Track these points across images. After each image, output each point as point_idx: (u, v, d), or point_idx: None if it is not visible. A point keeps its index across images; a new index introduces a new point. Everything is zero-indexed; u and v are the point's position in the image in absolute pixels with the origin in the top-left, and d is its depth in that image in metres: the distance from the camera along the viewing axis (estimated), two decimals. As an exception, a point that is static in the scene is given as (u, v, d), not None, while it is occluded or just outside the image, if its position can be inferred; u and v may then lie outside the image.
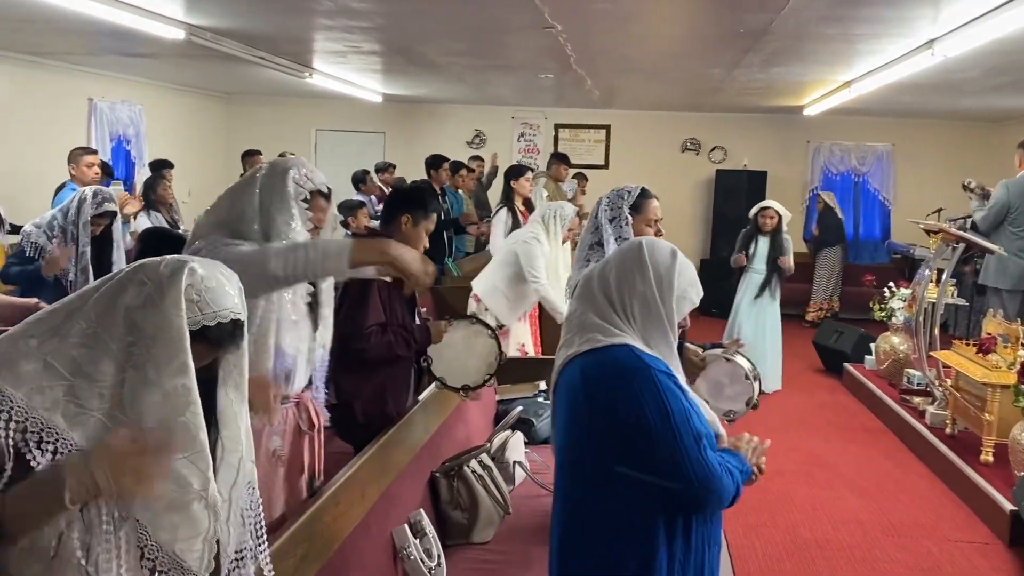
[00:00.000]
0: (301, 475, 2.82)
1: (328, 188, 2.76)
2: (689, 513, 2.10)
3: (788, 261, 7.76)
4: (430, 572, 2.93)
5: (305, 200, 2.63)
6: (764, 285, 7.86)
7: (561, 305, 5.26)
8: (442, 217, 8.14)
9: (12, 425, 1.49)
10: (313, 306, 2.74)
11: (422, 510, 3.12)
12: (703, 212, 12.48)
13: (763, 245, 7.87)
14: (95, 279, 4.44)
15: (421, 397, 3.65)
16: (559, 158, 9.15)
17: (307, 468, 2.83)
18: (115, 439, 1.52)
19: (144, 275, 1.59)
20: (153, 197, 6.75)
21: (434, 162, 9.00)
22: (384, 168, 10.36)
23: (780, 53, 6.95)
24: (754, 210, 7.93)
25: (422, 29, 6.61)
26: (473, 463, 3.48)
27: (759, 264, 7.87)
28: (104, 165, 7.42)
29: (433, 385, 3.54)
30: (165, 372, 1.54)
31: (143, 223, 6.46)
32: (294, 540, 2.28)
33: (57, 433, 1.52)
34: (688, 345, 2.78)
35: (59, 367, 1.54)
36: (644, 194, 3.58)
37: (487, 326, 3.44)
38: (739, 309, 8.01)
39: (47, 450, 1.52)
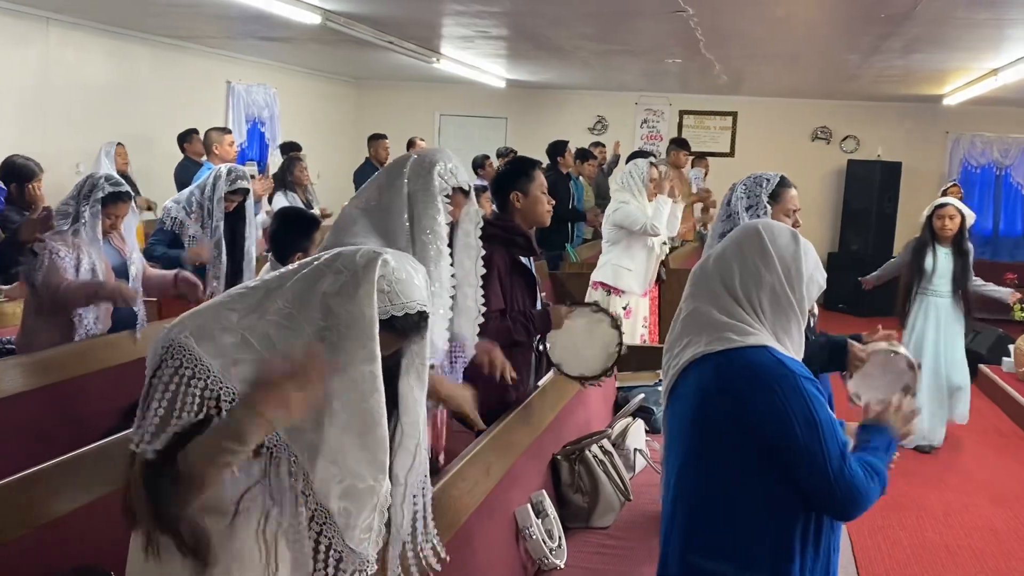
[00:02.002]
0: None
1: (469, 185, 2.77)
2: (825, 520, 2.03)
3: (974, 285, 5.87)
4: (551, 552, 2.95)
5: (447, 196, 2.65)
6: (951, 313, 5.89)
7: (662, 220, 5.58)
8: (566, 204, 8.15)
9: (207, 392, 1.57)
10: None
11: (544, 491, 3.14)
12: (832, 203, 12.10)
13: (944, 258, 5.85)
14: (228, 254, 4.67)
15: (540, 383, 3.67)
16: (678, 144, 8.96)
17: (430, 445, 2.88)
18: (269, 375, 1.57)
19: (341, 264, 1.65)
20: (290, 178, 6.98)
21: (556, 149, 8.99)
22: (505, 153, 10.41)
23: (922, 39, 6.66)
24: (927, 210, 6.00)
25: (551, 13, 6.61)
26: (594, 448, 3.47)
27: (941, 284, 5.86)
28: None
29: (551, 371, 3.54)
30: (355, 359, 1.60)
31: (280, 203, 6.68)
32: (423, 513, 2.32)
33: None
34: (851, 341, 2.71)
35: (255, 342, 1.60)
36: (784, 182, 3.47)
37: (609, 314, 3.40)
38: (922, 345, 5.88)
39: None
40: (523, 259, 3.42)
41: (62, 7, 7.39)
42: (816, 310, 2.20)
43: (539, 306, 3.49)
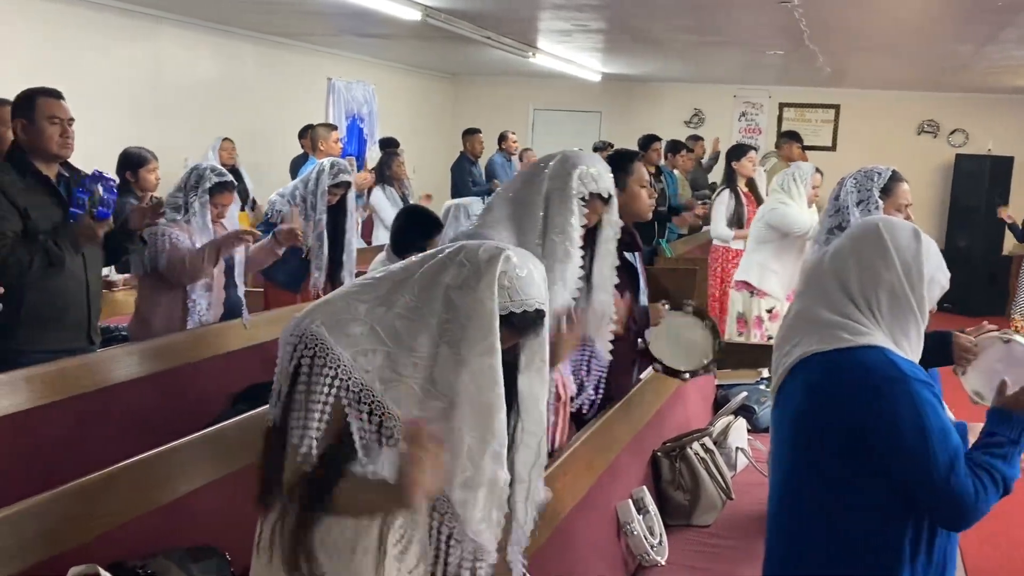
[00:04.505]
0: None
1: (609, 193, 2.73)
2: (936, 527, 1.95)
3: None
4: (652, 549, 2.93)
5: (583, 199, 2.63)
6: None
7: None
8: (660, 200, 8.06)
9: (337, 382, 1.62)
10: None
11: (644, 488, 3.12)
12: (939, 200, 11.67)
13: None
14: (330, 246, 4.77)
15: (643, 376, 3.64)
16: (790, 136, 8.71)
17: (549, 438, 2.89)
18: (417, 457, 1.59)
19: (464, 257, 1.68)
20: (388, 173, 7.08)
21: (643, 143, 8.93)
22: (602, 147, 10.33)
23: (1043, 27, 6.37)
24: None
25: (651, 5, 6.54)
26: (695, 445, 3.43)
27: None
28: None
29: (651, 367, 3.52)
30: (475, 351, 1.62)
31: (378, 197, 6.80)
32: (529, 504, 2.33)
33: (373, 395, 1.63)
34: (956, 332, 2.56)
35: (382, 334, 1.64)
36: (895, 177, 3.37)
37: (702, 315, 3.36)
38: None
39: (364, 410, 1.63)
40: (627, 254, 3.40)
41: (173, 6, 7.65)
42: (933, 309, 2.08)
43: (643, 300, 3.46)
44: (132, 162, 5.05)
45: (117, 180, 3.68)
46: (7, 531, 2.19)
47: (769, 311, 5.44)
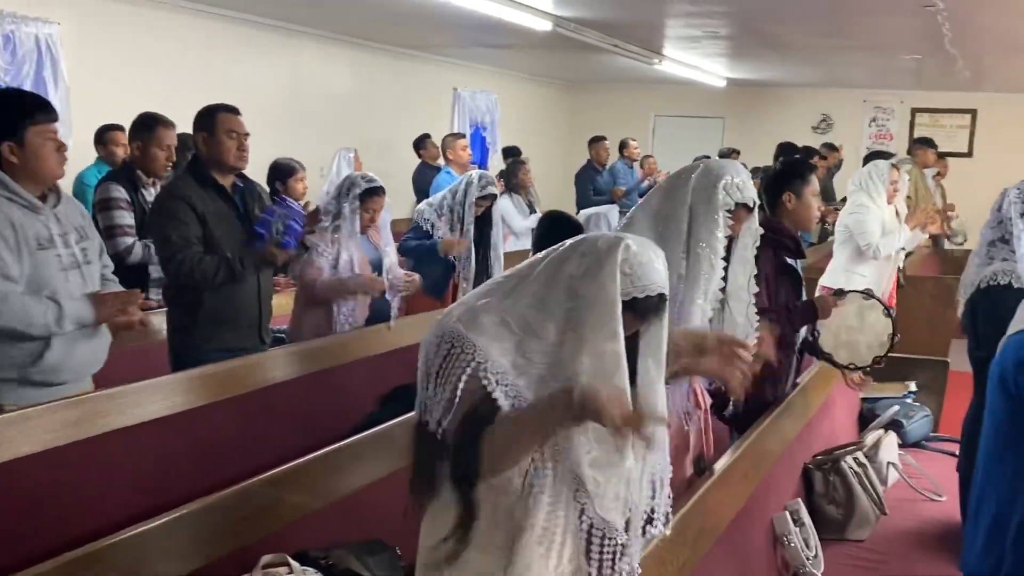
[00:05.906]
0: (686, 454, 2.88)
1: (754, 202, 2.72)
2: None
3: None
4: (809, 561, 2.90)
5: (729, 211, 2.63)
6: None
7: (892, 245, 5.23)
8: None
9: (474, 365, 1.71)
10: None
11: (799, 500, 3.10)
12: (1084, 208, 11.09)
13: None
14: (476, 256, 4.87)
15: (800, 380, 3.61)
16: (924, 143, 8.48)
17: (693, 448, 2.89)
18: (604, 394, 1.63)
19: (586, 248, 1.76)
20: (515, 181, 7.21)
21: (780, 151, 8.82)
22: (727, 154, 10.21)
23: None
24: None
25: (786, 11, 6.46)
26: (849, 459, 3.38)
27: None
28: None
29: (822, 360, 3.47)
30: (598, 336, 1.68)
31: (505, 205, 6.91)
32: (695, 512, 2.36)
33: (509, 378, 1.71)
34: None
35: (512, 323, 1.73)
36: None
37: (882, 302, 3.30)
38: None
39: (501, 391, 1.70)
40: (789, 260, 3.38)
41: (312, 21, 7.95)
42: None
43: (803, 296, 3.43)
44: (282, 172, 5.29)
45: (305, 215, 3.82)
46: (200, 522, 2.34)
47: None
